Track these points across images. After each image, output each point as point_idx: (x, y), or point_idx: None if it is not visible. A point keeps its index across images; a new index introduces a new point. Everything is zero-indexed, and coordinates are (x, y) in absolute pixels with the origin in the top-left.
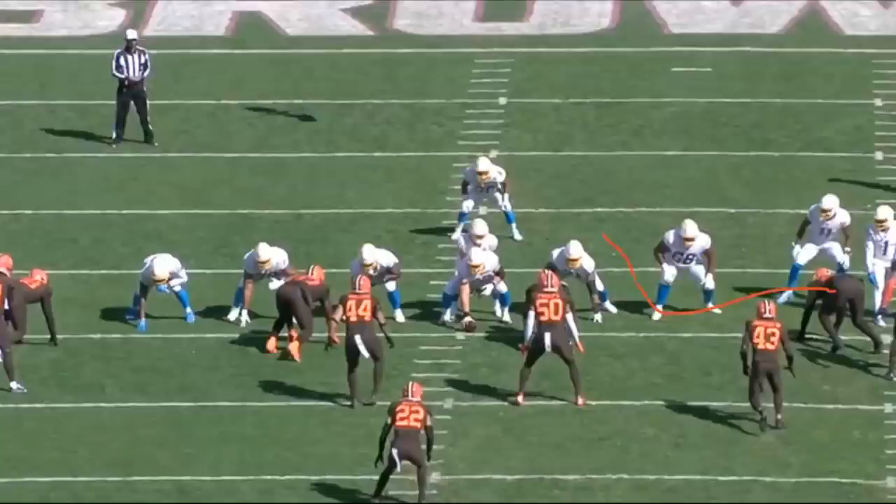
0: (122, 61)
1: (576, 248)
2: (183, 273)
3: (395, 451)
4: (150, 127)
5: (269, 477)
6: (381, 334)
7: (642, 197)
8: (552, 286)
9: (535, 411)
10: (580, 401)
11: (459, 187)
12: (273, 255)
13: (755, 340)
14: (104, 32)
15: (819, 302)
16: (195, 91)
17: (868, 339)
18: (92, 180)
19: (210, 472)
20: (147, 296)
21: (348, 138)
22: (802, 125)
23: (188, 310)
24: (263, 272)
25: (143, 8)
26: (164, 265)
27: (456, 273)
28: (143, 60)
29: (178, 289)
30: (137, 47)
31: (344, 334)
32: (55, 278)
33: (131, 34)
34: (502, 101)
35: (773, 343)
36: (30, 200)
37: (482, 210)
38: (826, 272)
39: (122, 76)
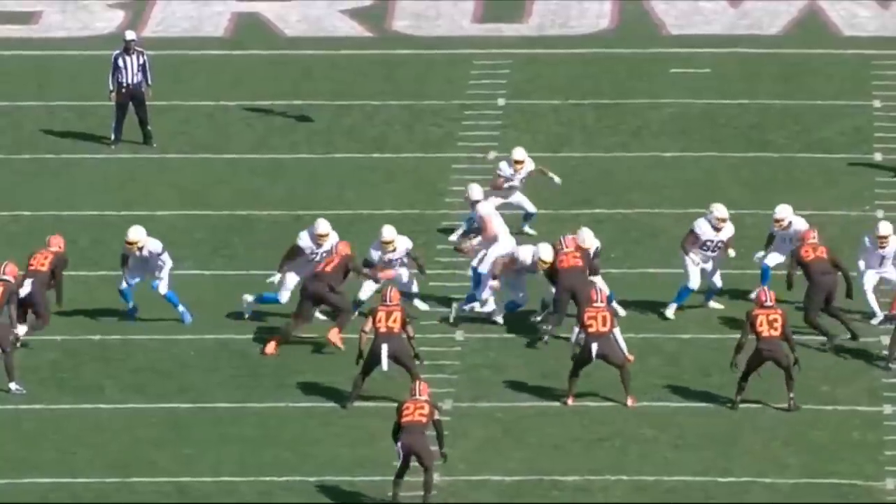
0: (120, 62)
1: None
2: (167, 258)
3: (398, 445)
4: (149, 128)
5: (268, 478)
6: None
7: (641, 198)
8: (601, 301)
9: (535, 412)
10: (630, 401)
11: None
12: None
13: (759, 329)
14: (103, 34)
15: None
16: (194, 92)
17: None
18: (91, 181)
19: (209, 472)
20: (129, 264)
21: (347, 139)
22: (801, 126)
23: (180, 308)
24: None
25: (141, 9)
26: (136, 230)
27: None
28: (141, 61)
29: (164, 276)
30: (136, 48)
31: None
32: None
33: (130, 35)
34: (501, 102)
35: (776, 329)
36: (29, 201)
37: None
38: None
39: (112, 89)
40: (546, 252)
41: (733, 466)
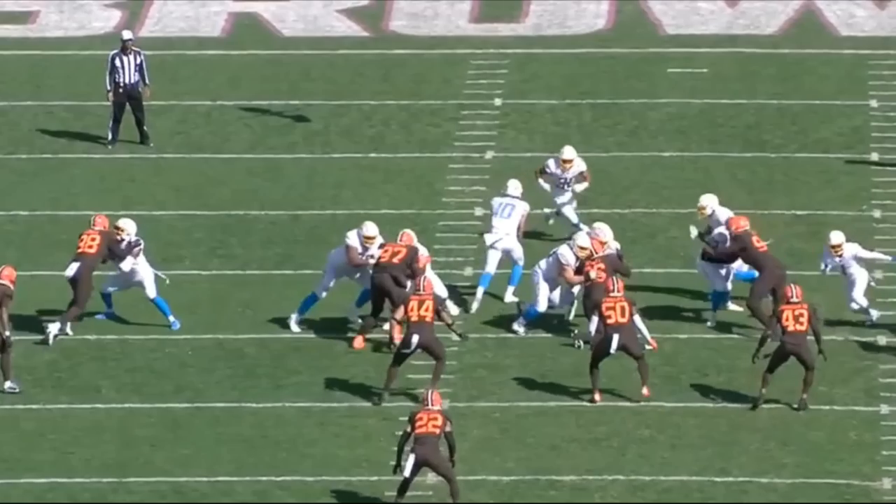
0: (117, 62)
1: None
2: (139, 241)
3: (412, 456)
4: (146, 128)
5: (265, 478)
6: (450, 333)
7: (638, 198)
8: (618, 290)
9: (532, 412)
10: (645, 391)
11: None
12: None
13: (785, 323)
14: (100, 33)
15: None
16: (191, 92)
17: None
18: (88, 181)
19: (206, 472)
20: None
21: (344, 139)
22: (799, 126)
23: (171, 318)
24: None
25: (138, 9)
26: (129, 221)
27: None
28: (138, 61)
29: (141, 277)
30: (133, 48)
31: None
32: (51, 279)
33: (127, 34)
34: (498, 101)
35: (801, 324)
36: (26, 201)
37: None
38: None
39: (109, 89)
40: (583, 239)
41: (731, 466)
